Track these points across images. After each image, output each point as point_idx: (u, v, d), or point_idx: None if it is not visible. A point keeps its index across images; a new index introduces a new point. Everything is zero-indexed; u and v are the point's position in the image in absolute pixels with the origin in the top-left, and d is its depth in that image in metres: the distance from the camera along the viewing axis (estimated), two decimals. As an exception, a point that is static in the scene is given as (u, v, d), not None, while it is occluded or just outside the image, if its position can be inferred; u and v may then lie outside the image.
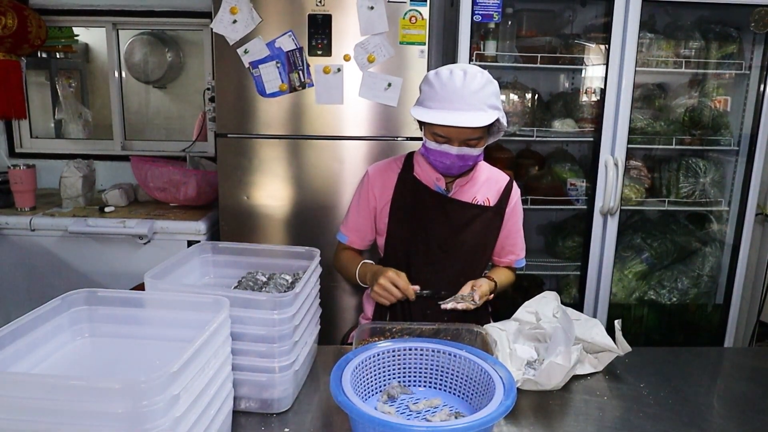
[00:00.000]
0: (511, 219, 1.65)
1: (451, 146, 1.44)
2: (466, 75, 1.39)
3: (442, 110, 1.38)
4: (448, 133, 1.43)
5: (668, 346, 2.38)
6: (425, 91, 1.44)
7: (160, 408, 0.74)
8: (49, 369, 0.93)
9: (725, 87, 2.61)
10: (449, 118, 1.37)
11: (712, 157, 2.63)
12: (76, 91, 3.17)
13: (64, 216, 2.41)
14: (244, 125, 2.25)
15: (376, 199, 1.63)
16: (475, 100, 1.38)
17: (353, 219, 1.68)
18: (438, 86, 1.40)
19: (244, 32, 2.16)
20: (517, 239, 1.69)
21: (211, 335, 0.90)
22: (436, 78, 1.42)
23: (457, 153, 1.45)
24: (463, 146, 1.45)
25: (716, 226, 2.70)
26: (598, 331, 1.37)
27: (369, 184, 1.64)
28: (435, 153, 1.47)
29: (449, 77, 1.40)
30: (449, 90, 1.39)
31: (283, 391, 1.13)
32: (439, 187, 1.58)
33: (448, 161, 1.47)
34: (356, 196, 1.69)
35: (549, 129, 2.51)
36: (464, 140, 1.44)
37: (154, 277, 1.14)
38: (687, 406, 1.22)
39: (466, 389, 1.17)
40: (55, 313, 0.98)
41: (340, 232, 1.72)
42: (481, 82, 1.39)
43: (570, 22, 2.66)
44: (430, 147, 1.47)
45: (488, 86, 1.41)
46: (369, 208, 1.65)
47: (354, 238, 1.69)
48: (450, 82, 1.39)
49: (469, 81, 1.39)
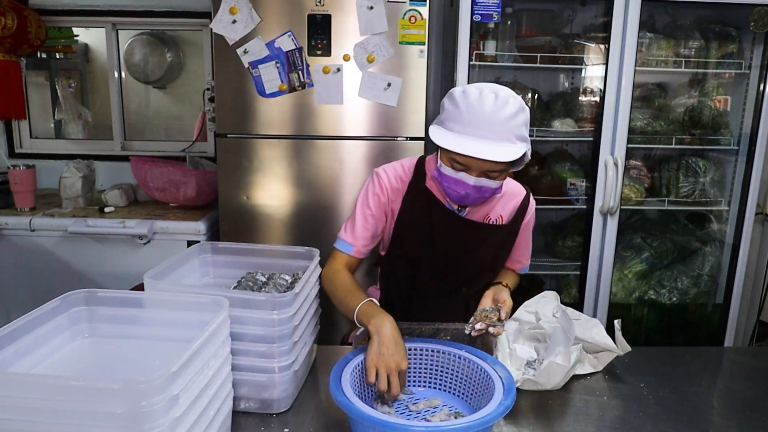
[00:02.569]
0: (524, 231, 1.57)
1: (469, 176, 1.29)
2: (497, 99, 1.23)
3: (465, 136, 1.23)
4: (468, 162, 1.27)
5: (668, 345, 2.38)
6: (448, 110, 1.28)
7: (159, 408, 0.74)
8: (48, 369, 0.93)
9: (725, 86, 2.60)
10: (473, 148, 1.21)
11: (712, 157, 2.63)
12: (76, 91, 3.17)
13: (63, 216, 2.41)
14: (243, 125, 2.25)
15: (388, 204, 1.48)
16: (503, 129, 1.23)
17: (361, 224, 1.47)
18: (464, 107, 1.24)
19: (244, 32, 2.16)
20: (525, 250, 1.62)
21: (211, 335, 0.90)
22: (463, 98, 1.25)
23: (475, 184, 1.30)
24: (482, 177, 1.29)
25: (716, 226, 2.69)
26: (597, 330, 1.37)
27: (382, 187, 1.48)
28: (450, 180, 1.32)
29: (478, 98, 1.24)
30: (477, 114, 1.23)
31: (282, 392, 1.13)
32: (451, 205, 1.46)
33: (463, 191, 1.32)
34: (364, 200, 1.48)
35: (549, 129, 2.51)
36: (485, 171, 1.28)
37: (153, 278, 1.14)
38: (687, 406, 1.22)
39: (465, 389, 1.17)
40: (54, 314, 0.98)
41: (342, 240, 1.48)
42: (513, 110, 1.23)
43: (569, 21, 2.66)
44: (445, 173, 1.32)
45: (520, 115, 1.25)
46: (381, 210, 1.48)
47: (360, 246, 1.47)
48: (479, 105, 1.23)
49: (500, 107, 1.23)
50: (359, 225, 1.47)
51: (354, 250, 1.47)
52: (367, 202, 1.48)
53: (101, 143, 3.09)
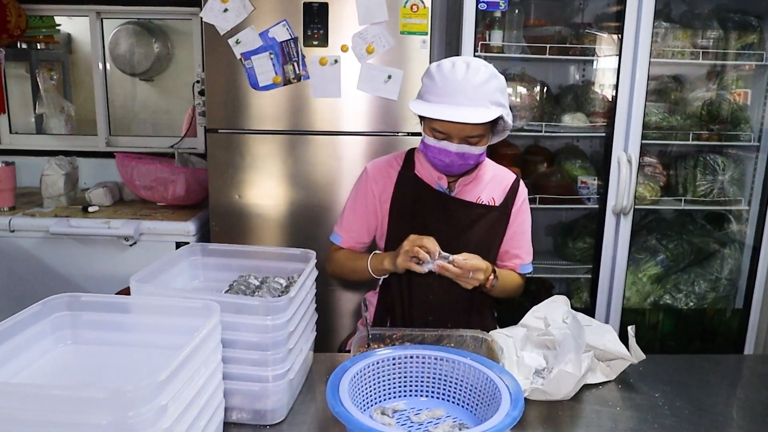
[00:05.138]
0: (516, 219, 1.63)
1: (451, 143, 1.44)
2: (468, 68, 1.39)
3: (442, 104, 1.38)
4: (448, 129, 1.42)
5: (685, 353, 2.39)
6: (426, 84, 1.44)
7: (147, 419, 0.74)
8: (29, 378, 0.93)
9: (745, 79, 2.61)
10: (447, 113, 1.37)
11: (731, 154, 2.63)
12: (58, 84, 3.17)
13: (45, 216, 2.41)
14: (235, 120, 2.25)
15: (376, 197, 1.62)
16: (476, 95, 1.38)
17: (348, 218, 1.67)
18: (439, 79, 1.40)
19: (236, 21, 2.16)
20: (522, 241, 1.66)
21: (201, 342, 0.90)
22: (438, 70, 1.42)
23: (457, 151, 1.44)
24: (464, 144, 1.44)
25: (735, 227, 2.70)
26: (610, 337, 1.37)
27: (368, 181, 1.63)
28: (434, 150, 1.47)
29: (451, 70, 1.40)
30: (450, 83, 1.38)
31: (276, 402, 1.13)
32: (441, 186, 1.58)
33: (447, 159, 1.46)
34: (353, 194, 1.67)
35: (558, 124, 2.51)
36: (464, 137, 1.43)
37: (140, 281, 1.13)
38: (705, 417, 1.22)
39: (470, 399, 1.17)
40: (35, 319, 0.98)
41: (334, 232, 1.69)
42: (485, 77, 1.39)
43: (581, 10, 2.66)
44: (429, 143, 1.47)
45: (492, 81, 1.40)
46: (367, 207, 1.63)
47: (348, 238, 1.66)
48: (451, 75, 1.39)
49: (472, 74, 1.38)
50: (347, 217, 1.67)
51: (342, 240, 1.67)
52: (355, 195, 1.66)
53: (85, 139, 3.09)
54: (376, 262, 1.53)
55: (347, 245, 1.67)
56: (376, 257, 1.55)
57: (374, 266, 1.54)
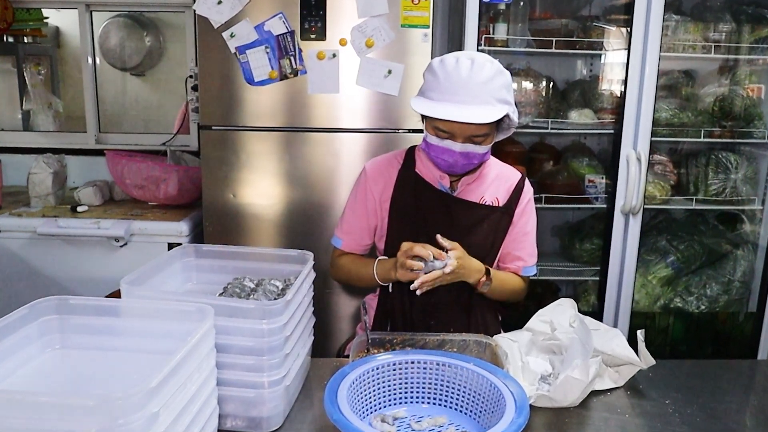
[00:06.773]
0: (520, 220, 1.62)
1: (455, 142, 1.42)
2: (473, 64, 1.38)
3: (445, 102, 1.37)
4: (451, 128, 1.41)
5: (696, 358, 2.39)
6: (428, 80, 1.43)
7: (137, 427, 0.74)
8: (15, 384, 0.93)
9: (759, 74, 2.61)
10: (452, 113, 1.36)
11: (744, 151, 2.64)
12: (46, 79, 3.17)
13: (32, 216, 2.41)
14: (230, 116, 2.25)
15: (375, 197, 1.61)
16: (482, 92, 1.36)
17: (349, 221, 1.66)
18: (442, 75, 1.39)
19: (231, 14, 2.16)
20: (525, 243, 1.65)
21: (194, 347, 0.90)
22: (441, 66, 1.40)
23: (461, 150, 1.43)
24: (468, 143, 1.43)
25: (749, 227, 2.70)
26: (618, 342, 1.37)
27: (367, 181, 1.62)
28: (436, 149, 1.45)
29: (455, 66, 1.38)
30: (454, 80, 1.37)
31: (272, 409, 1.13)
32: (443, 186, 1.57)
33: (450, 159, 1.45)
34: (352, 196, 1.67)
35: (565, 120, 2.51)
36: (469, 136, 1.42)
37: (131, 283, 1.14)
38: (717, 425, 1.22)
39: (473, 406, 1.17)
40: (22, 323, 0.97)
41: (335, 235, 1.69)
42: (490, 73, 1.38)
43: (588, 2, 2.66)
44: (432, 142, 1.46)
45: (498, 78, 1.39)
46: (366, 208, 1.63)
47: (349, 241, 1.66)
48: (455, 72, 1.37)
49: (477, 71, 1.37)
50: (347, 219, 1.67)
51: (343, 244, 1.67)
52: (355, 196, 1.65)
53: (74, 136, 3.09)
54: (383, 270, 1.52)
55: (349, 248, 1.67)
56: (381, 265, 1.54)
57: (381, 275, 1.53)
